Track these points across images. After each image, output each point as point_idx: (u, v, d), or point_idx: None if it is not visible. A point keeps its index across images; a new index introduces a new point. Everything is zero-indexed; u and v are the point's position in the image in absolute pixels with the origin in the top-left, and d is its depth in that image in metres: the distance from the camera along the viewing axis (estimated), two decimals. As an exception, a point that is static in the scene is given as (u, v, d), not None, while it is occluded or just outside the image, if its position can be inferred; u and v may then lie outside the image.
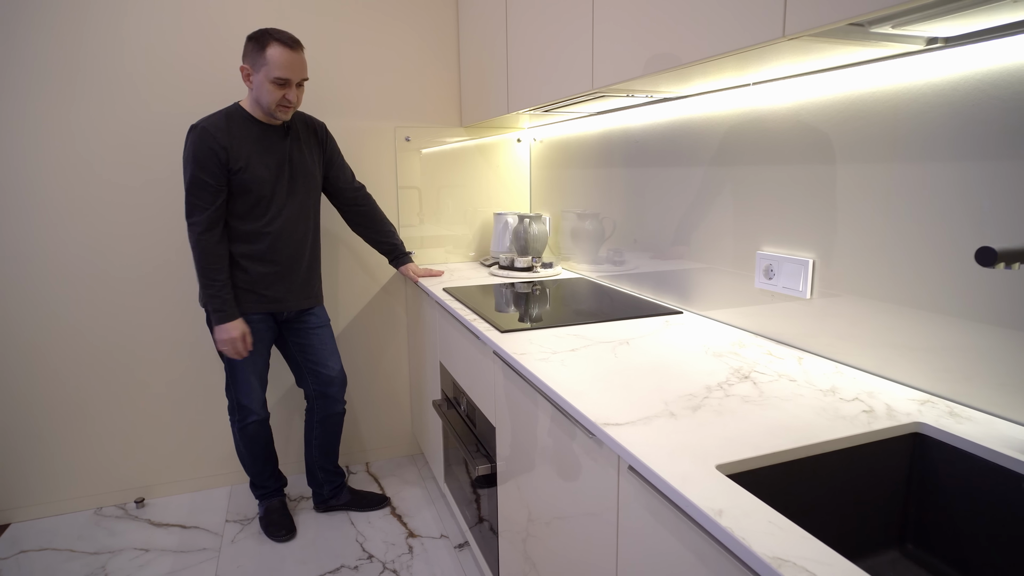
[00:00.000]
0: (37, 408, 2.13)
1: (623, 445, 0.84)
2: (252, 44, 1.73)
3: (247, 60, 1.74)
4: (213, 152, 1.72)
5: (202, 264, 1.76)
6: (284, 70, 1.72)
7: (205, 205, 1.74)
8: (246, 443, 2.01)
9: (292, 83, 1.75)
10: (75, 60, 2.00)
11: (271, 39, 1.70)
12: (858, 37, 0.89)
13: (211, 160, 1.72)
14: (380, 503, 2.22)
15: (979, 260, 0.68)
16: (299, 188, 1.91)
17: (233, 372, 1.92)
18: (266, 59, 1.70)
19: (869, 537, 0.89)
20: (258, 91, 1.75)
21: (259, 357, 1.94)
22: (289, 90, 1.75)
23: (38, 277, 2.07)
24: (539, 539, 1.25)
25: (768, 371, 1.14)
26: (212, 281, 1.77)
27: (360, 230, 2.15)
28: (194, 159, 1.72)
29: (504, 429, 1.41)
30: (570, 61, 1.52)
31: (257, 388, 1.96)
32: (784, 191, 1.28)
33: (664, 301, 1.72)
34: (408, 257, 2.20)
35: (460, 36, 2.42)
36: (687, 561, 0.75)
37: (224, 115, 1.79)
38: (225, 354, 1.85)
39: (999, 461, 0.80)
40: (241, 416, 1.97)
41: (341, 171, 2.07)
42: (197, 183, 1.73)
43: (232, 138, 1.76)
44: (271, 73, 1.71)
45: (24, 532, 2.10)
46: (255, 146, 1.80)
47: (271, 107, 1.76)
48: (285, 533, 2.01)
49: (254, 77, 1.74)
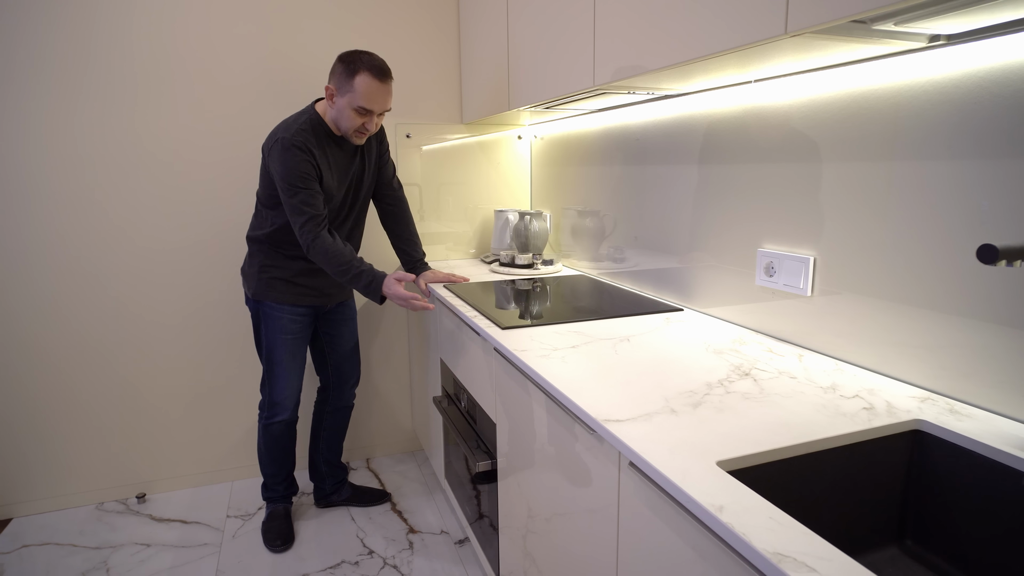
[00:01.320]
0: (39, 403, 2.14)
1: (624, 441, 0.84)
2: (342, 67, 1.70)
3: (334, 81, 1.72)
4: (311, 166, 1.72)
5: (327, 262, 1.72)
6: (370, 102, 1.70)
7: (313, 211, 1.71)
8: (268, 442, 2.00)
9: (375, 114, 1.74)
10: (81, 57, 1.99)
11: (362, 67, 1.67)
12: (860, 34, 0.89)
13: (309, 174, 1.72)
14: (381, 499, 2.23)
15: (980, 258, 0.68)
16: (360, 204, 1.95)
17: (271, 367, 1.93)
18: (353, 87, 1.68)
19: (869, 533, 0.89)
20: (339, 114, 1.74)
21: (299, 352, 1.97)
22: (370, 119, 1.74)
23: (40, 272, 2.07)
24: (539, 535, 1.25)
25: (769, 368, 1.14)
26: (346, 268, 1.72)
27: (387, 229, 2.12)
28: (296, 173, 1.69)
29: (504, 425, 1.41)
30: (572, 58, 1.52)
31: (294, 385, 1.98)
32: (785, 188, 1.28)
33: (665, 298, 1.73)
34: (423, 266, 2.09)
35: (461, 32, 2.41)
36: (687, 556, 0.75)
37: (310, 127, 1.75)
38: (404, 307, 1.79)
39: (998, 458, 0.80)
40: (270, 413, 1.97)
41: (383, 168, 2.03)
42: (303, 193, 1.70)
43: (319, 151, 1.76)
44: (355, 102, 1.69)
45: (26, 527, 2.11)
46: (334, 163, 1.81)
47: (349, 132, 1.76)
48: (281, 544, 1.98)
49: (338, 100, 1.72)
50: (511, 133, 2.58)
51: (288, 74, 2.23)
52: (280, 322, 1.90)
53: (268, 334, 1.91)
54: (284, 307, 1.90)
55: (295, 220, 1.72)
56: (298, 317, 1.93)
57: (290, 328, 1.92)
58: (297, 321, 1.93)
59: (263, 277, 1.88)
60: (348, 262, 1.72)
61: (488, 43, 2.11)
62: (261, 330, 1.93)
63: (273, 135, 1.75)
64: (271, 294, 1.88)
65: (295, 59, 2.23)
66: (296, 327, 1.93)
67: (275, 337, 1.91)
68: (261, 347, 1.95)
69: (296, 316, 1.92)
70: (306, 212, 1.71)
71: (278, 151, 1.71)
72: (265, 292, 1.88)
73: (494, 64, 2.07)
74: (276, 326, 1.90)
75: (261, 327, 1.93)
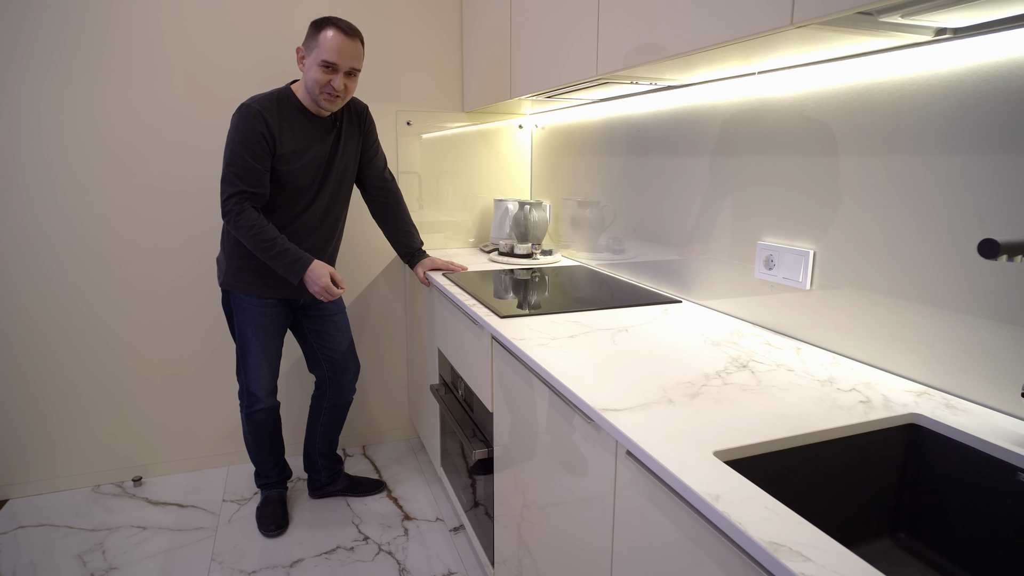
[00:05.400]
0: (36, 385, 2.14)
1: (621, 430, 0.84)
2: (311, 28, 1.71)
3: (305, 43, 1.73)
4: (261, 136, 1.69)
5: (248, 238, 1.71)
6: (333, 54, 1.68)
7: (245, 186, 1.70)
8: (251, 430, 1.99)
9: (340, 70, 1.71)
10: (80, 40, 1.98)
11: (329, 24, 1.69)
12: (866, 26, 0.89)
13: (258, 144, 1.69)
14: (377, 488, 2.23)
15: (981, 252, 0.68)
16: (332, 186, 1.89)
17: (244, 358, 1.91)
18: (319, 42, 1.68)
19: (863, 525, 0.90)
20: (307, 74, 1.73)
21: (271, 344, 1.93)
22: (336, 76, 1.71)
23: (38, 254, 2.06)
24: (534, 523, 1.26)
25: (766, 360, 1.14)
26: (270, 245, 1.71)
27: (379, 222, 2.11)
28: (242, 140, 1.68)
29: (501, 414, 1.42)
30: (574, 47, 1.51)
31: (267, 376, 1.94)
32: (786, 181, 1.28)
33: (663, 290, 1.73)
34: (420, 254, 2.09)
35: (463, 19, 2.40)
36: (683, 545, 0.75)
37: (276, 99, 1.74)
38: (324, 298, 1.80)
39: (993, 453, 0.81)
40: (248, 403, 1.95)
41: (372, 159, 2.01)
42: (240, 164, 1.69)
43: (281, 125, 1.73)
44: (320, 55, 1.68)
45: (22, 508, 2.12)
46: (300, 138, 1.78)
47: (315, 92, 1.73)
48: (275, 528, 1.98)
49: (307, 60, 1.72)
50: (512, 122, 2.57)
51: (287, 60, 2.21)
52: (249, 313, 1.87)
53: (239, 324, 1.88)
54: (252, 298, 1.85)
55: (224, 189, 1.69)
56: (267, 309, 1.88)
57: (259, 320, 1.88)
58: (267, 313, 1.88)
59: (231, 267, 1.84)
60: (272, 239, 1.71)
61: (490, 30, 2.10)
62: (232, 321, 1.91)
63: None
64: (239, 284, 1.84)
65: (293, 45, 2.21)
66: (266, 319, 1.89)
67: (246, 328, 1.88)
68: (234, 338, 1.93)
69: (265, 308, 1.88)
70: (237, 185, 1.68)
71: (235, 117, 1.71)
72: (234, 282, 1.84)
73: (496, 52, 2.06)
74: (246, 317, 1.87)
75: (233, 317, 1.90)
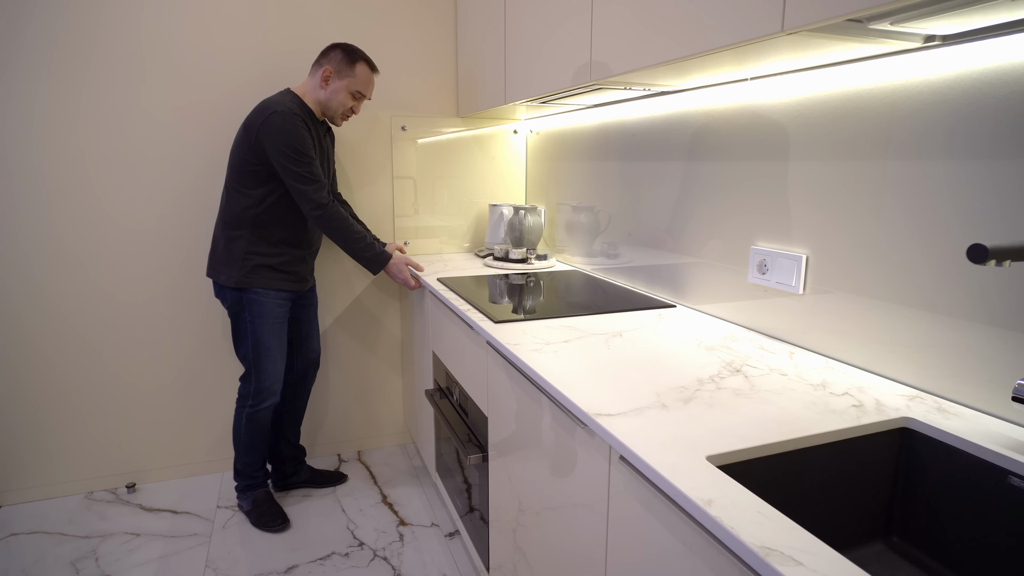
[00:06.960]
0: (29, 392, 2.12)
1: (615, 435, 0.85)
2: (342, 54, 1.89)
3: (333, 64, 1.89)
4: (311, 138, 1.86)
5: (341, 229, 1.90)
6: (366, 88, 1.95)
7: (323, 179, 1.88)
8: (252, 430, 2.00)
9: (364, 99, 1.98)
10: (76, 46, 1.97)
11: (361, 58, 1.91)
12: (856, 33, 0.90)
13: (311, 145, 1.86)
14: (339, 480, 2.30)
15: (970, 257, 0.69)
16: (329, 184, 2.04)
17: (259, 353, 1.94)
18: (355, 73, 1.90)
19: (856, 529, 0.90)
20: (332, 95, 1.90)
21: (284, 336, 2.01)
22: (359, 104, 1.97)
23: (30, 261, 2.05)
24: (529, 529, 1.26)
25: (759, 365, 1.15)
26: (360, 238, 1.93)
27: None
28: (300, 142, 1.81)
29: (496, 419, 1.42)
30: (568, 52, 1.52)
31: (281, 368, 2.01)
32: (779, 186, 1.29)
33: (657, 294, 1.73)
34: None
35: (458, 25, 2.40)
36: (676, 550, 0.75)
37: (298, 105, 1.87)
38: (410, 286, 2.03)
39: (985, 456, 0.81)
40: (257, 400, 1.98)
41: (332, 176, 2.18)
42: (310, 162, 1.83)
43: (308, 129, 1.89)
44: (354, 86, 1.91)
45: (15, 515, 2.10)
46: (316, 141, 1.93)
47: (336, 113, 1.94)
48: (281, 522, 2.00)
49: (335, 82, 1.89)
50: (507, 127, 2.57)
51: (283, 63, 2.21)
52: (267, 307, 1.93)
53: (254, 321, 1.92)
54: (270, 292, 1.93)
55: (306, 188, 1.83)
56: (282, 301, 1.97)
57: (276, 313, 1.95)
58: (282, 305, 1.97)
59: (247, 265, 1.89)
60: (361, 232, 1.94)
61: (485, 36, 2.11)
62: (243, 319, 1.94)
63: (263, 111, 1.82)
64: (259, 281, 1.90)
65: (290, 48, 2.21)
66: (281, 311, 1.97)
67: (262, 323, 1.93)
68: (244, 337, 1.96)
69: (281, 300, 1.96)
70: (318, 178, 1.85)
71: (277, 123, 1.79)
72: (250, 279, 1.90)
73: (491, 57, 2.06)
74: (262, 311, 1.92)
75: (244, 316, 1.93)
